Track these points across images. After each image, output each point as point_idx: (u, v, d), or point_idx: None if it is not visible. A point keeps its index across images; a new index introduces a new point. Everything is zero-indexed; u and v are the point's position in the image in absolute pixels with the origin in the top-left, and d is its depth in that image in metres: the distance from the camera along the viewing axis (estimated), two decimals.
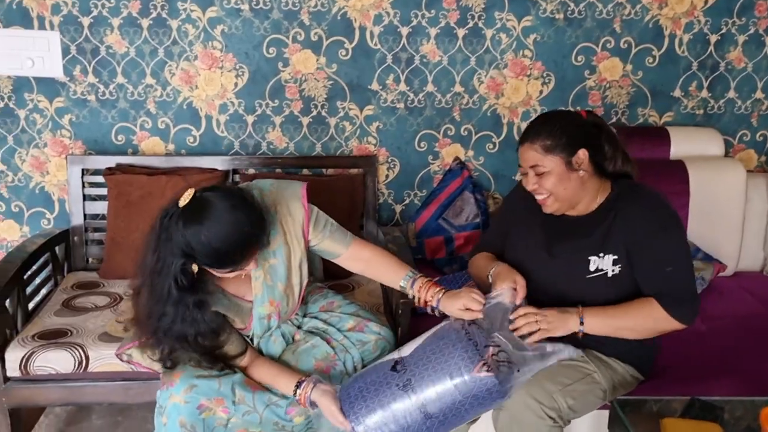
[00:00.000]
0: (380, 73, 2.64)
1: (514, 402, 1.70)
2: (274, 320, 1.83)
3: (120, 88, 2.59)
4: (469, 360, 1.59)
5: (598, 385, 1.78)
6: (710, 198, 2.53)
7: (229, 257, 1.59)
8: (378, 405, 1.63)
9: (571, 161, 1.72)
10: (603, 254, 1.75)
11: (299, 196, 1.79)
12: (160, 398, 1.70)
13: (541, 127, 1.75)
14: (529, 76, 2.69)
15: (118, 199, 2.46)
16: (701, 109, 2.78)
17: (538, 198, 1.79)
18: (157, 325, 1.64)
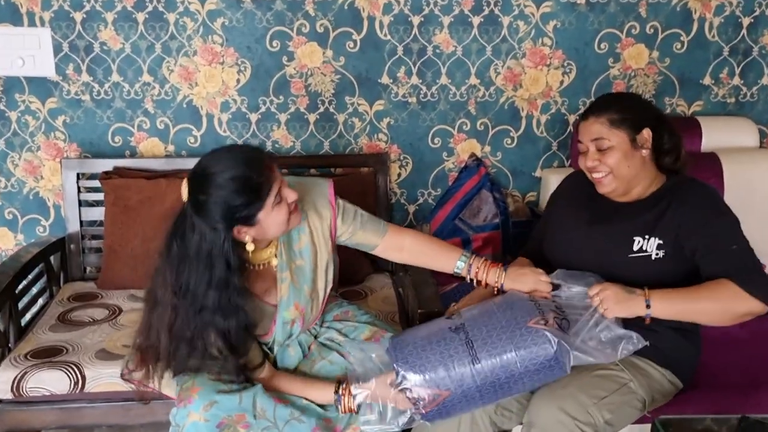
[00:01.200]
0: (390, 65, 2.49)
1: (545, 417, 1.57)
2: (297, 326, 1.71)
3: (115, 87, 2.45)
4: (526, 313, 1.52)
5: (635, 395, 1.65)
6: (746, 192, 2.36)
7: (258, 176, 1.48)
8: (426, 344, 1.54)
9: (635, 138, 1.69)
10: (649, 236, 1.68)
11: (326, 194, 1.73)
12: (177, 416, 1.56)
13: (608, 102, 1.75)
14: (548, 65, 2.53)
15: (116, 204, 2.32)
16: (733, 97, 2.61)
17: (596, 176, 1.73)
18: (195, 320, 1.51)
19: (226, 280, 1.51)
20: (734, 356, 1.99)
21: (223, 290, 1.51)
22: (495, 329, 1.51)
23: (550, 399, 1.59)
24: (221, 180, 1.46)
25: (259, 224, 1.53)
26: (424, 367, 1.52)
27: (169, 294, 1.53)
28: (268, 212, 1.52)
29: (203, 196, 1.47)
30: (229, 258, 1.50)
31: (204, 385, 1.56)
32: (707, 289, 1.61)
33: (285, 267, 1.66)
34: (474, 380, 1.51)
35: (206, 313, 1.51)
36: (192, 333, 1.53)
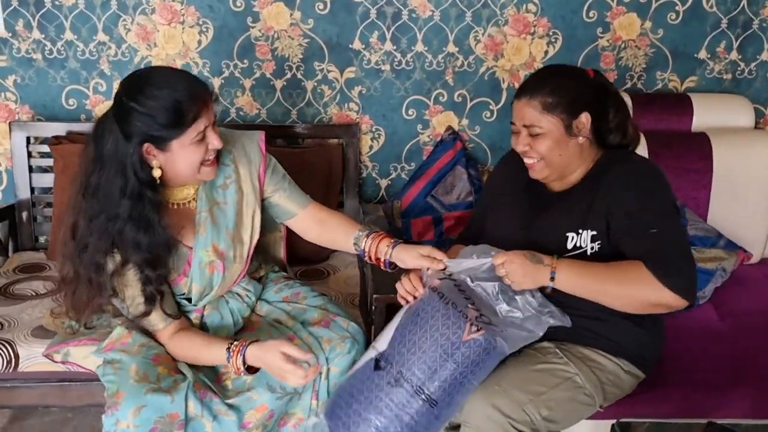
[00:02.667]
0: (363, 30, 2.32)
1: (477, 416, 1.48)
2: (218, 274, 1.60)
3: (69, 46, 2.30)
4: (455, 326, 1.42)
5: (582, 389, 1.54)
6: (736, 176, 2.22)
7: (187, 101, 1.42)
8: (374, 413, 1.42)
9: (571, 125, 1.54)
10: (582, 230, 1.54)
11: (256, 140, 1.69)
12: (106, 425, 1.46)
13: (543, 81, 1.56)
14: (532, 34, 2.36)
15: (65, 172, 2.19)
16: (729, 73, 2.44)
17: (526, 161, 1.59)
18: (107, 228, 1.45)
19: (140, 192, 1.45)
20: (710, 350, 1.87)
21: (137, 201, 1.45)
22: (435, 361, 1.41)
23: (483, 396, 1.48)
24: (153, 92, 1.41)
25: (170, 153, 1.47)
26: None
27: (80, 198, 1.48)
28: (184, 145, 1.46)
29: (129, 101, 1.42)
30: (137, 171, 1.43)
31: (129, 388, 1.45)
32: (617, 269, 1.48)
33: (205, 205, 1.59)
34: (438, 418, 1.44)
35: (119, 222, 1.44)
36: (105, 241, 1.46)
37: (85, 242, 1.47)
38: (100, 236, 1.46)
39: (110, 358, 1.53)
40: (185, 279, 1.60)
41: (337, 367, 1.64)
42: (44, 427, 2.15)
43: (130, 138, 1.42)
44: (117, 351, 1.54)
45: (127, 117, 1.42)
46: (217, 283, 1.61)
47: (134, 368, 1.49)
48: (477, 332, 1.40)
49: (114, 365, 1.51)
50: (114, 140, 1.44)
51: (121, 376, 1.48)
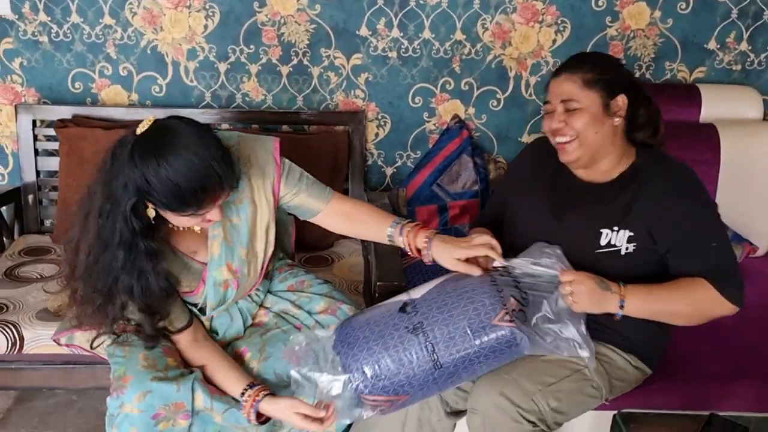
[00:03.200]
0: (370, 16, 2.31)
1: (486, 403, 1.48)
2: (232, 290, 1.57)
3: (75, 29, 2.29)
4: (490, 307, 1.37)
5: (590, 382, 1.55)
6: (744, 168, 2.21)
7: (192, 196, 1.34)
8: (382, 347, 1.39)
9: (609, 104, 1.53)
10: (618, 228, 1.51)
11: (270, 150, 1.57)
12: (110, 407, 1.46)
13: (583, 60, 1.58)
14: (540, 22, 2.34)
15: (70, 155, 2.19)
16: (739, 64, 2.42)
17: (559, 140, 1.55)
18: (103, 275, 1.40)
19: (132, 241, 1.38)
20: (715, 344, 1.87)
21: (129, 250, 1.38)
22: (457, 330, 1.37)
23: (492, 385, 1.48)
24: (165, 170, 1.31)
25: (166, 215, 1.41)
26: (383, 376, 1.38)
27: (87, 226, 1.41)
28: (179, 217, 1.41)
29: (140, 159, 1.32)
30: (129, 220, 1.36)
31: (136, 373, 1.45)
32: (683, 290, 1.49)
33: (218, 224, 1.51)
34: (435, 382, 1.40)
35: (114, 269, 1.40)
36: (102, 283, 1.41)
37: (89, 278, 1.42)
38: (98, 276, 1.41)
39: (122, 339, 1.53)
40: (199, 294, 1.58)
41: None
42: (49, 408, 2.16)
43: (128, 188, 1.34)
44: (130, 334, 1.54)
45: (132, 170, 1.33)
46: (230, 297, 1.58)
47: (143, 354, 1.49)
48: (508, 322, 1.36)
49: (124, 347, 1.52)
50: (120, 176, 1.35)
51: (130, 359, 1.48)
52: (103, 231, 1.38)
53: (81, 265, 1.42)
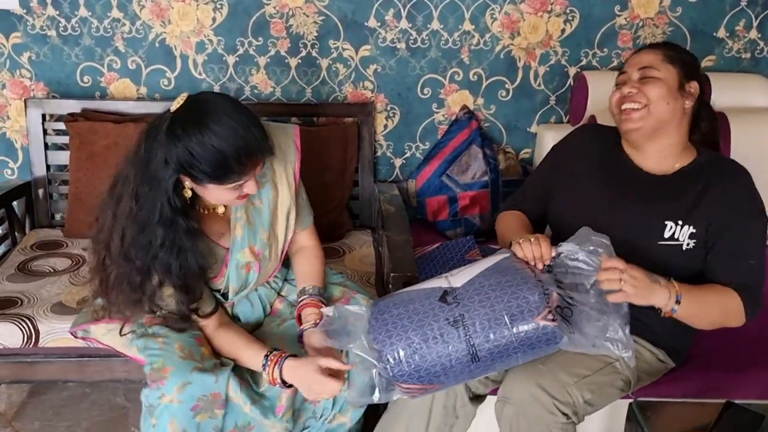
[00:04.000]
0: (378, 7, 2.30)
1: (522, 394, 1.48)
2: (254, 273, 1.60)
3: (83, 23, 2.29)
4: (534, 304, 1.35)
5: (620, 375, 1.55)
6: (754, 156, 2.16)
7: (237, 161, 1.37)
8: (421, 338, 1.37)
9: (684, 85, 1.55)
10: (683, 223, 1.52)
11: (291, 135, 1.62)
12: (150, 398, 1.47)
13: (665, 43, 1.65)
14: (549, 12, 2.34)
15: (81, 149, 2.20)
16: (748, 52, 2.41)
17: (627, 107, 1.55)
18: (141, 254, 1.41)
19: (173, 219, 1.41)
20: (729, 335, 1.86)
21: (169, 227, 1.41)
22: (499, 325, 1.36)
23: (527, 375, 1.48)
24: (207, 137, 1.34)
25: (204, 188, 1.43)
26: (418, 366, 1.37)
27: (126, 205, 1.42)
28: (219, 189, 1.43)
29: (182, 135, 1.35)
30: (170, 197, 1.39)
31: (176, 364, 1.46)
32: (718, 297, 1.50)
33: (241, 207, 1.55)
34: (470, 372, 1.40)
35: (154, 248, 1.41)
36: (141, 261, 1.43)
37: (126, 260, 1.43)
38: (136, 255, 1.42)
39: (153, 331, 1.54)
40: (222, 279, 1.59)
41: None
42: (62, 402, 2.17)
43: (168, 164, 1.36)
44: (161, 326, 1.55)
45: (174, 145, 1.35)
46: (252, 281, 1.61)
47: (179, 345, 1.50)
48: (550, 321, 1.35)
49: (158, 339, 1.52)
50: (156, 158, 1.37)
51: (167, 351, 1.49)
52: (141, 212, 1.40)
53: (116, 249, 1.42)
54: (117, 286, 1.45)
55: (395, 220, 2.06)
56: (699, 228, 1.52)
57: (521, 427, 1.48)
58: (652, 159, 1.59)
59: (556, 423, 1.45)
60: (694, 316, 1.50)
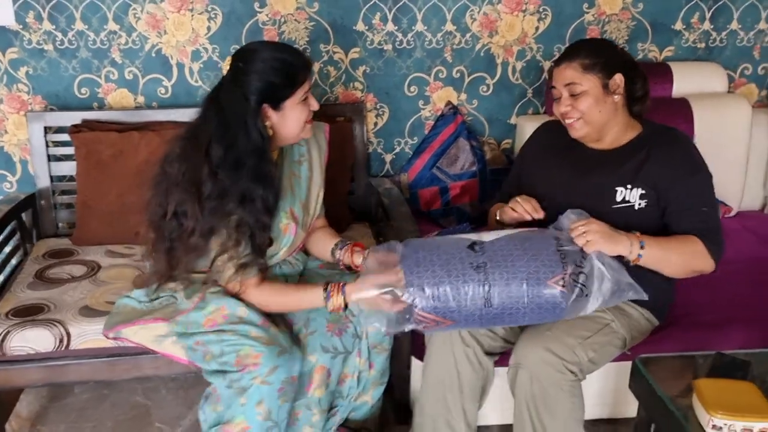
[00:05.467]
0: (366, 12, 2.44)
1: (533, 358, 1.65)
2: (290, 236, 1.78)
3: (80, 36, 2.35)
4: (550, 268, 1.52)
5: (617, 334, 1.74)
6: (715, 137, 2.42)
7: (299, 65, 1.65)
8: (445, 275, 1.53)
9: (608, 84, 1.71)
10: (631, 186, 1.71)
11: (323, 129, 1.94)
12: (242, 380, 1.60)
13: (578, 48, 1.76)
14: (524, 11, 2.51)
15: (88, 159, 2.26)
16: (703, 42, 2.64)
17: (568, 121, 1.75)
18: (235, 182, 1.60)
19: (263, 148, 1.62)
20: (706, 296, 2.07)
21: (260, 158, 1.62)
22: (515, 278, 1.53)
23: (537, 341, 1.65)
24: (266, 55, 1.62)
25: (282, 113, 1.66)
26: (438, 297, 1.53)
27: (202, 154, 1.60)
28: (294, 105, 1.66)
29: (244, 65, 1.61)
30: (260, 128, 1.61)
31: (263, 350, 1.59)
32: (680, 243, 1.68)
33: (286, 174, 1.79)
34: (480, 317, 1.55)
35: (244, 179, 1.59)
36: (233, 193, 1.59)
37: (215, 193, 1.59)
38: (229, 188, 1.59)
39: (219, 328, 1.64)
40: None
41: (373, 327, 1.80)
42: (83, 404, 2.23)
43: (249, 99, 1.60)
44: (223, 324, 1.64)
45: (244, 81, 1.60)
46: (286, 244, 1.77)
47: (254, 333, 1.62)
48: (561, 287, 1.51)
49: (229, 333, 1.62)
50: (235, 103, 1.60)
51: (247, 339, 1.60)
52: (231, 151, 1.59)
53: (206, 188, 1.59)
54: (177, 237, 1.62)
55: (398, 211, 2.20)
56: (647, 188, 1.71)
57: (535, 388, 1.65)
58: (604, 143, 1.80)
59: (566, 381, 1.63)
60: (662, 260, 1.67)
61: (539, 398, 1.64)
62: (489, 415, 1.99)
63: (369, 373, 1.84)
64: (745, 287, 2.13)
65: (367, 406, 1.90)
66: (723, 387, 1.41)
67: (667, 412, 1.43)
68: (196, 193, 1.58)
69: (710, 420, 1.33)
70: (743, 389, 1.40)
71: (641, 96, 1.78)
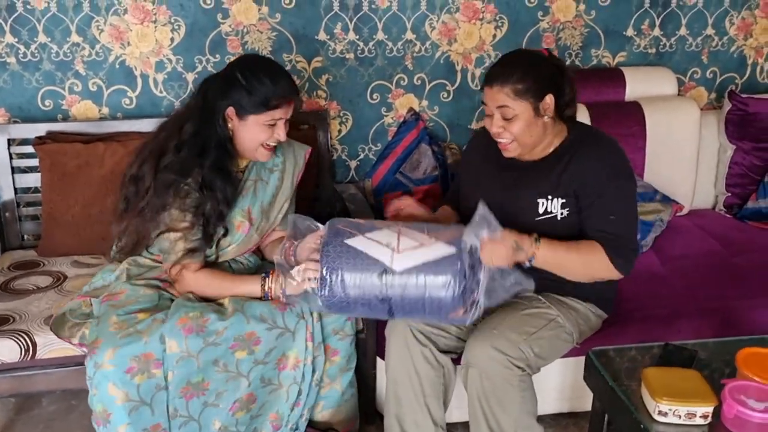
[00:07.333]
0: (327, 21, 2.49)
1: (481, 357, 1.70)
2: (242, 234, 1.85)
3: (43, 48, 2.36)
4: (451, 308, 1.61)
5: (563, 328, 1.80)
6: (666, 139, 2.52)
7: (277, 99, 1.75)
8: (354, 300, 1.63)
9: (538, 107, 1.71)
10: (552, 197, 1.75)
11: (304, 151, 2.05)
12: (88, 370, 1.65)
13: (511, 69, 1.71)
14: (481, 20, 2.59)
15: (52, 170, 2.27)
16: (653, 47, 2.75)
17: (500, 141, 1.77)
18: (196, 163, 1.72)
19: (225, 144, 1.76)
20: (658, 290, 2.16)
21: (222, 151, 1.76)
22: (417, 314, 1.66)
23: (483, 340, 1.71)
24: (262, 76, 1.74)
25: (244, 123, 1.76)
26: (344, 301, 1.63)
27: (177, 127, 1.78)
28: (258, 123, 1.76)
29: (241, 75, 1.75)
30: (221, 125, 1.76)
31: (106, 336, 1.64)
32: (580, 251, 1.72)
33: (252, 176, 1.88)
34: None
35: (206, 168, 1.72)
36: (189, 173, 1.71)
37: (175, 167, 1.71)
38: (190, 170, 1.70)
39: (99, 312, 1.73)
40: None
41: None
42: (51, 415, 2.24)
43: (225, 96, 1.75)
44: (107, 304, 1.74)
45: (233, 84, 1.74)
46: (237, 242, 1.83)
47: (113, 319, 1.68)
48: (462, 315, 1.63)
49: (99, 319, 1.72)
50: (215, 95, 1.76)
51: (102, 327, 1.68)
52: (201, 135, 1.75)
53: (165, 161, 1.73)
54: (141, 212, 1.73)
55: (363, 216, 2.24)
56: (567, 197, 1.74)
57: (485, 385, 1.71)
58: (533, 155, 1.81)
59: (515, 376, 1.69)
60: (556, 266, 1.72)
61: (490, 394, 1.70)
62: (452, 412, 2.04)
63: (334, 360, 1.89)
64: (696, 280, 2.21)
65: (337, 394, 1.92)
66: (669, 375, 1.48)
67: (618, 401, 1.51)
68: (156, 161, 1.71)
69: (656, 406, 1.40)
70: (688, 376, 1.48)
71: (569, 101, 1.77)
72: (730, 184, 2.68)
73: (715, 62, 2.82)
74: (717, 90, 2.86)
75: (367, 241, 1.65)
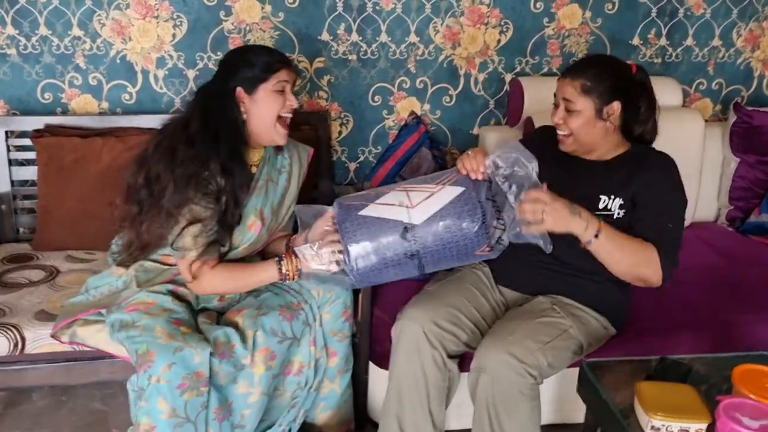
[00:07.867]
0: (330, 22, 2.47)
1: (495, 362, 1.69)
2: (254, 234, 1.81)
3: (44, 41, 2.35)
4: (477, 243, 1.63)
5: (574, 340, 1.79)
6: (670, 150, 2.43)
7: (275, 61, 1.74)
8: (381, 264, 1.64)
9: (602, 109, 1.75)
10: (614, 196, 1.77)
11: (307, 152, 2.04)
12: (139, 381, 1.60)
13: (588, 66, 1.77)
14: (486, 24, 2.57)
15: (49, 164, 2.25)
16: (659, 57, 2.72)
17: (559, 134, 1.82)
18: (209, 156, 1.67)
19: (238, 130, 1.73)
20: (657, 303, 2.13)
21: (236, 139, 1.73)
22: (446, 258, 1.66)
23: (499, 345, 1.69)
24: (247, 48, 1.83)
25: (254, 100, 1.73)
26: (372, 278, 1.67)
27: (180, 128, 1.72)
28: (268, 92, 1.73)
29: (229, 57, 1.78)
30: (233, 108, 1.72)
31: (159, 347, 1.59)
32: (636, 245, 1.72)
33: (264, 175, 1.85)
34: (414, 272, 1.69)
35: (218, 158, 1.68)
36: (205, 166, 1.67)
37: (191, 158, 1.66)
38: (210, 157, 1.66)
39: (131, 319, 1.67)
40: None
41: (329, 314, 1.87)
42: (39, 410, 2.22)
43: (227, 82, 1.72)
44: (140, 313, 1.68)
45: (232, 67, 1.74)
46: (248, 241, 1.80)
47: (159, 329, 1.63)
48: (488, 251, 1.65)
49: (138, 327, 1.65)
50: (215, 87, 1.75)
51: (149, 336, 1.62)
52: (210, 125, 1.70)
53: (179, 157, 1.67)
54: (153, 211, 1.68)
55: None
56: (626, 200, 1.77)
57: (496, 392, 1.68)
58: (592, 155, 1.85)
59: (527, 385, 1.68)
60: (611, 254, 1.70)
61: (500, 402, 1.68)
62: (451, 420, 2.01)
63: (333, 361, 1.89)
64: (696, 294, 2.19)
65: (336, 395, 1.94)
66: (663, 390, 1.45)
67: (611, 415, 1.48)
68: (170, 157, 1.65)
69: (649, 421, 1.37)
70: (682, 392, 1.45)
71: (642, 120, 1.83)
72: (733, 198, 2.65)
73: (722, 74, 2.79)
74: (722, 102, 2.83)
75: (379, 206, 1.67)
